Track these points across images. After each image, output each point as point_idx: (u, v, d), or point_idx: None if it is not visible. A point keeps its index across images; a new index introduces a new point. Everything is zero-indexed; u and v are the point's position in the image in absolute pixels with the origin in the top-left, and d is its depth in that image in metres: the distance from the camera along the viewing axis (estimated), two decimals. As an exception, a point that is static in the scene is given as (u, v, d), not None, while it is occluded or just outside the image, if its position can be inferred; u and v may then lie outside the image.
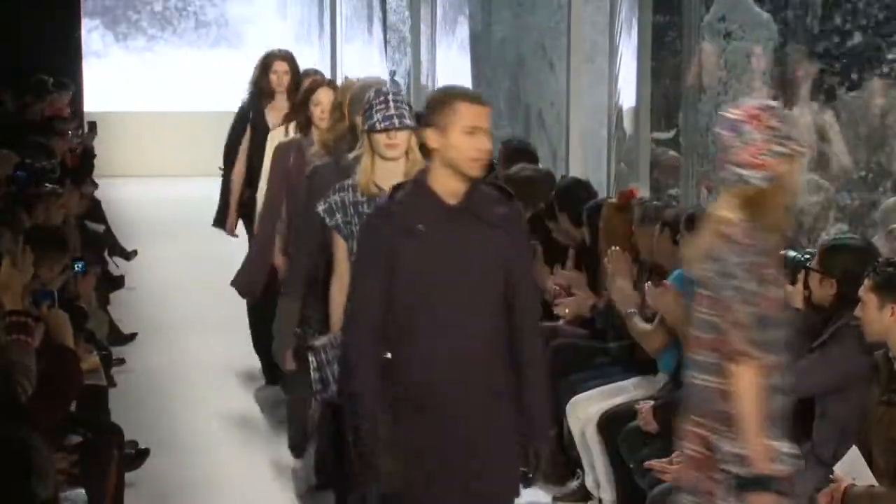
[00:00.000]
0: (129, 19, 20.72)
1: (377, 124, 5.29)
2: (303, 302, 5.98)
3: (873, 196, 7.02)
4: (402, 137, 5.32)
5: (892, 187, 6.98)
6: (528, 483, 7.04)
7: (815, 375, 5.19)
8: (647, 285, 6.42)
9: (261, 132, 8.47)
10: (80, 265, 7.84)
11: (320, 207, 5.38)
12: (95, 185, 12.81)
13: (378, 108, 5.31)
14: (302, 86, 8.13)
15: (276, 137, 7.91)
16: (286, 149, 7.46)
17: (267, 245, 7.64)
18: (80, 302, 7.62)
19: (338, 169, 5.76)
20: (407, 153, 5.34)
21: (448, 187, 4.50)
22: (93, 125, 13.91)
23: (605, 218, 7.23)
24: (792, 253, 5.51)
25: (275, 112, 8.59)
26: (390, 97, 5.33)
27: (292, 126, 7.77)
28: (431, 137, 4.48)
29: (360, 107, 5.73)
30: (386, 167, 5.33)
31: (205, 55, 20.71)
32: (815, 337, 5.33)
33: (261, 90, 8.72)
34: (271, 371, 8.79)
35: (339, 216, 5.37)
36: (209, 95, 19.81)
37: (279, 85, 8.65)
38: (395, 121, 5.29)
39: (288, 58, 8.78)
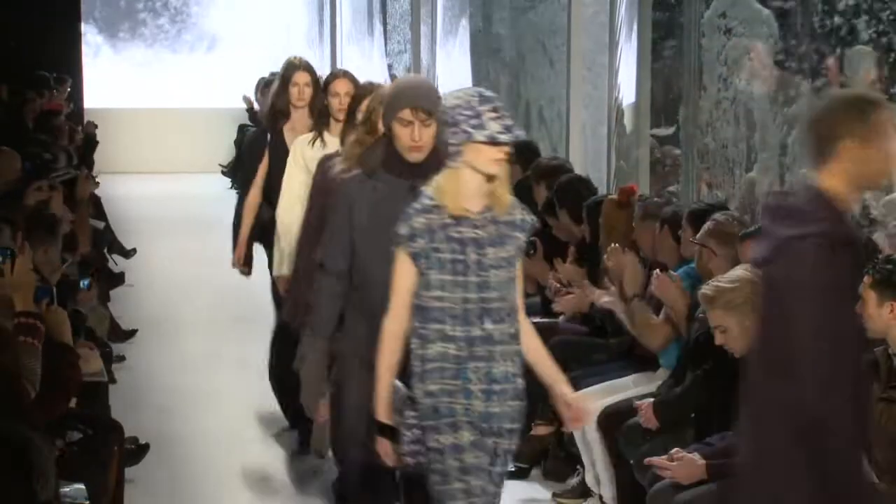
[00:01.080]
0: (128, 22, 20.68)
1: (498, 136, 4.50)
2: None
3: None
4: (506, 152, 4.59)
5: None
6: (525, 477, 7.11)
7: None
8: (655, 273, 6.43)
9: (280, 156, 7.39)
10: (85, 282, 7.83)
11: (403, 231, 4.58)
12: (96, 184, 12.80)
13: (491, 116, 4.52)
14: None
15: (303, 146, 7.10)
16: (332, 161, 6.29)
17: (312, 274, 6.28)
18: (79, 307, 7.61)
19: (375, 187, 5.06)
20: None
21: (848, 210, 4.04)
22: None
23: (606, 215, 7.23)
24: None
25: (294, 133, 7.54)
26: (497, 104, 4.58)
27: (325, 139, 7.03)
28: (851, 151, 3.93)
29: (393, 114, 5.06)
30: (473, 185, 4.59)
31: (203, 56, 20.68)
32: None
33: (277, 109, 7.70)
34: (296, 414, 7.67)
35: (422, 241, 4.58)
36: (208, 93, 19.82)
37: (300, 100, 7.62)
38: (516, 132, 4.56)
39: (309, 68, 7.76)
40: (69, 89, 16.46)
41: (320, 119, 7.18)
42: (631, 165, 8.91)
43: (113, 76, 20.31)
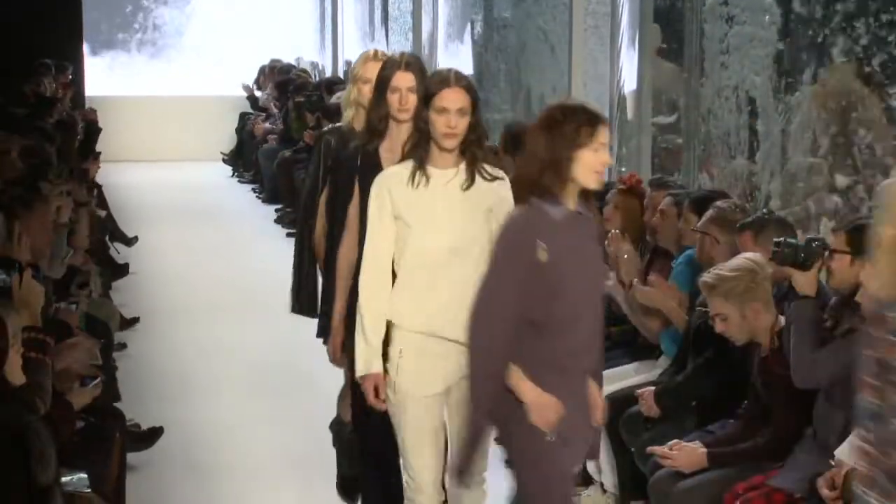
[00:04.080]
0: (131, 7, 20.67)
1: None
2: None
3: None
4: None
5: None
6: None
7: (837, 365, 5.16)
8: (635, 283, 6.45)
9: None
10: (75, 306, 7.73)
11: None
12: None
13: None
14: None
15: (390, 181, 5.16)
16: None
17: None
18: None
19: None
20: None
21: None
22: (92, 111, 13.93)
23: (622, 205, 7.20)
24: (795, 239, 5.50)
25: (392, 155, 5.39)
26: None
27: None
28: None
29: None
30: None
31: (204, 43, 20.65)
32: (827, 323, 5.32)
33: (374, 128, 5.51)
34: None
35: None
36: (209, 80, 19.80)
37: (402, 110, 5.44)
38: None
39: (413, 65, 5.55)
40: (70, 77, 16.45)
41: (421, 144, 5.09)
42: (632, 153, 8.91)
43: (114, 64, 20.30)
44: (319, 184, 6.18)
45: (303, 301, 6.42)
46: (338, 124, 6.31)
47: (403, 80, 5.48)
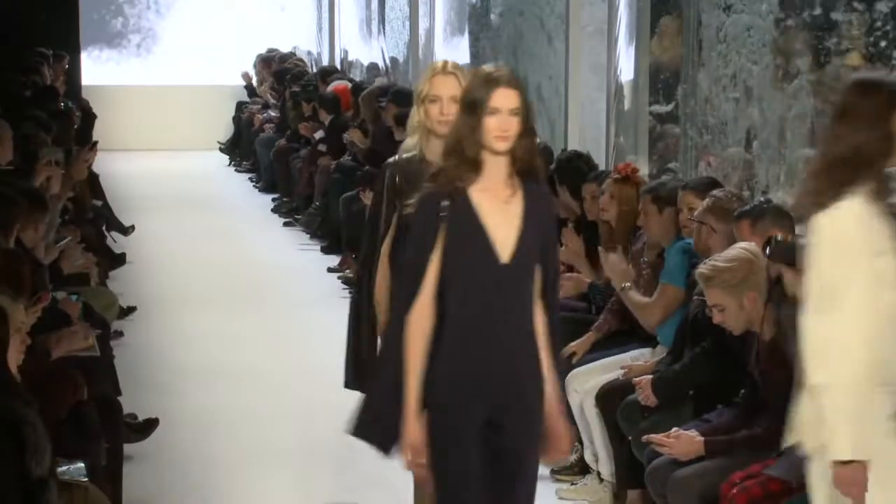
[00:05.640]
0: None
1: None
2: None
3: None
4: None
5: None
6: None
7: None
8: (600, 250, 6.53)
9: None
10: (73, 297, 7.65)
11: None
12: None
13: None
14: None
15: None
16: None
17: None
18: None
19: None
20: None
21: None
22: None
23: (618, 195, 7.19)
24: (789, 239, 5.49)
25: (487, 194, 4.53)
26: None
27: None
28: None
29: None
30: None
31: (201, 32, 20.60)
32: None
33: (467, 158, 4.44)
34: None
35: None
36: (206, 69, 19.77)
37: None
38: None
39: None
40: (67, 66, 16.43)
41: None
42: (630, 142, 8.90)
43: (110, 54, 20.26)
44: (381, 228, 5.21)
45: (362, 376, 5.25)
46: (403, 156, 5.24)
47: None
